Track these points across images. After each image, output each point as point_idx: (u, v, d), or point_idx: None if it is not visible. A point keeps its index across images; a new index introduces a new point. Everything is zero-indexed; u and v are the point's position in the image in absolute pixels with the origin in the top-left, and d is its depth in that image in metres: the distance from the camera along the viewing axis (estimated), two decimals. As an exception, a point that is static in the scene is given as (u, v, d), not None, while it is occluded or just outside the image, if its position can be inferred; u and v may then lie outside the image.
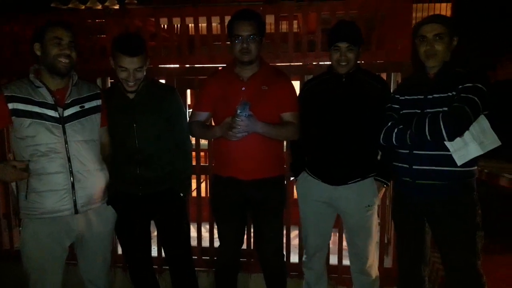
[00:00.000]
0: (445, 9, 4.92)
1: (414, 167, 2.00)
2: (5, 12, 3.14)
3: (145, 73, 2.13)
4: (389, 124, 2.07)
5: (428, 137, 1.89)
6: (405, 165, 2.04)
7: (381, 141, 2.10)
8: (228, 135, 2.08)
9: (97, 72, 2.95)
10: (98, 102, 2.06)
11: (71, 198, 1.93)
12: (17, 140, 1.89)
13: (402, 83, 2.27)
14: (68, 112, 1.94)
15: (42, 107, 1.88)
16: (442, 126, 1.84)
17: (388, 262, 2.98)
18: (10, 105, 1.85)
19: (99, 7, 3.15)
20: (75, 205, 1.94)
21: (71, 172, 1.92)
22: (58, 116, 1.90)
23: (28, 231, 1.94)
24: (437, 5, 4.81)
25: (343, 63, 2.14)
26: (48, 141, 1.88)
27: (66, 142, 1.91)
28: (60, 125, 1.91)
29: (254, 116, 2.06)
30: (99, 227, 2.06)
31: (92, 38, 3.10)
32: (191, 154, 2.42)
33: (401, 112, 2.08)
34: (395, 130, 2.02)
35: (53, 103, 1.90)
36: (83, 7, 3.18)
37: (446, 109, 1.90)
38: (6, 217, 3.34)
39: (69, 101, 1.95)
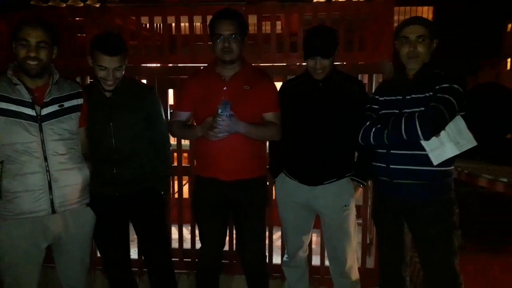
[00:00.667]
0: (426, 13, 4.99)
1: (391, 166, 2.01)
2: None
3: (123, 72, 2.10)
4: (367, 123, 2.08)
5: (404, 136, 1.90)
6: (382, 165, 2.05)
7: (359, 140, 2.12)
8: (209, 135, 2.06)
9: (76, 71, 2.89)
10: (79, 101, 2.01)
11: (48, 198, 1.88)
12: None
13: (382, 84, 2.29)
14: (46, 110, 1.89)
15: (19, 105, 1.83)
16: (417, 125, 1.86)
17: (370, 263, 2.99)
18: None
19: (81, 5, 3.09)
20: (52, 205, 1.89)
21: (48, 172, 1.87)
22: (35, 114, 1.86)
23: (2, 232, 1.89)
24: (419, 8, 4.87)
25: (319, 71, 2.15)
26: (24, 140, 1.83)
27: (42, 141, 1.87)
28: (37, 124, 1.86)
29: (236, 116, 2.05)
30: (77, 229, 2.01)
31: (72, 37, 3.05)
32: (170, 153, 2.40)
33: (380, 112, 2.10)
34: (373, 130, 2.04)
35: (30, 101, 1.85)
36: (64, 5, 3.11)
37: (422, 109, 1.91)
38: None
39: (48, 99, 1.91)
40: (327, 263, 2.99)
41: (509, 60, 21.08)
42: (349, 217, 2.30)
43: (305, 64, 2.58)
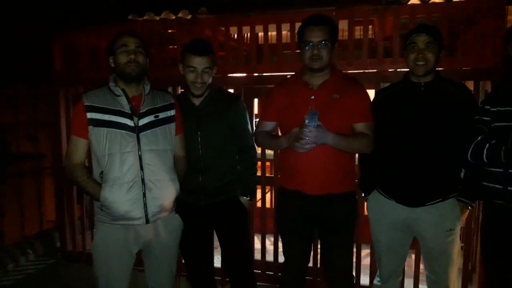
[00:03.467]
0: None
1: (509, 188, 1.75)
2: (85, 24, 3.33)
3: (211, 79, 2.14)
4: (479, 138, 1.84)
5: None
6: (498, 186, 1.80)
7: (469, 158, 1.87)
8: (295, 146, 1.97)
9: (167, 81, 3.00)
10: (172, 112, 2.06)
11: (142, 207, 1.92)
12: (94, 149, 1.93)
13: (493, 93, 2.02)
14: (143, 121, 1.95)
15: (120, 116, 1.92)
16: None
17: (472, 291, 2.67)
18: (89, 115, 1.90)
19: (173, 17, 3.21)
20: (146, 215, 1.93)
21: (143, 181, 1.92)
22: (133, 125, 1.93)
23: (99, 235, 1.98)
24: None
25: (421, 63, 1.95)
26: (123, 150, 1.90)
27: (139, 152, 1.92)
28: (135, 134, 1.93)
29: (324, 126, 1.94)
30: (166, 236, 2.05)
31: (164, 48, 3.18)
32: (256, 161, 2.36)
33: (492, 125, 1.85)
34: (487, 146, 1.79)
35: (129, 112, 1.93)
36: (158, 18, 3.26)
37: None
38: (80, 220, 3.52)
39: (144, 110, 1.97)
40: (421, 287, 2.77)
41: None
42: (454, 242, 2.06)
43: (400, 70, 2.38)
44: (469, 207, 2.06)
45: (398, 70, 2.57)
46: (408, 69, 2.07)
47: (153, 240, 2.02)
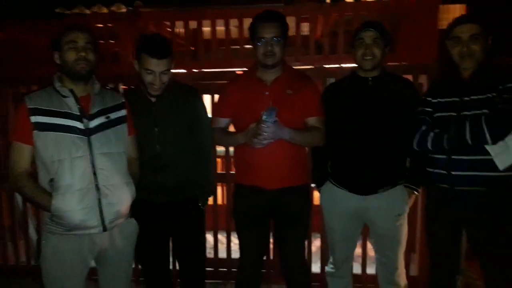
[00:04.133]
0: (458, 11, 4.81)
1: (452, 172, 1.89)
2: (6, 18, 3.05)
3: (169, 76, 2.05)
4: (424, 128, 1.96)
5: (469, 141, 1.79)
6: (442, 171, 1.93)
7: (415, 146, 2.00)
8: (253, 142, 1.98)
9: (109, 78, 2.85)
10: (123, 112, 1.94)
11: (98, 214, 1.81)
12: (40, 155, 1.77)
13: (433, 85, 2.17)
14: (93, 123, 1.82)
15: (68, 118, 1.77)
16: (485, 129, 1.74)
17: (414, 270, 2.87)
18: (33, 118, 1.74)
19: (105, 11, 3.06)
20: (102, 222, 1.82)
21: (97, 187, 1.80)
22: (83, 127, 1.79)
23: (50, 246, 1.83)
24: (451, 6, 4.69)
25: (368, 58, 2.04)
26: (73, 155, 1.76)
27: (91, 155, 1.80)
28: (86, 137, 1.79)
29: (280, 121, 1.96)
30: (122, 242, 1.95)
31: (103, 43, 3.02)
32: (214, 160, 2.33)
33: (434, 115, 1.99)
34: (431, 134, 1.92)
35: (79, 113, 1.79)
36: (89, 12, 3.09)
37: (485, 111, 1.79)
38: (11, 230, 3.23)
39: (94, 111, 1.84)
40: (368, 270, 2.94)
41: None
42: (403, 226, 2.19)
43: (345, 65, 2.48)
44: (415, 192, 2.20)
45: (343, 65, 2.68)
46: (354, 65, 2.15)
47: (109, 247, 1.91)
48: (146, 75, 1.99)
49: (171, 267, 2.86)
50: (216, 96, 2.45)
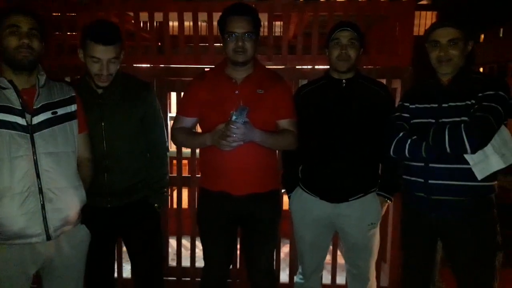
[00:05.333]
0: (430, 18, 4.87)
1: (430, 181, 1.82)
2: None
3: (118, 67, 1.88)
4: (401, 134, 1.88)
5: (448, 150, 1.72)
6: (419, 180, 1.86)
7: (391, 153, 1.91)
8: (221, 144, 1.83)
9: (64, 71, 2.63)
10: (73, 107, 1.75)
11: (41, 221, 1.61)
12: None
13: (411, 91, 2.09)
14: (37, 119, 1.62)
15: (6, 113, 1.57)
16: (465, 138, 1.67)
17: (384, 281, 2.80)
18: None
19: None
20: (46, 230, 1.62)
21: (40, 191, 1.61)
22: (25, 124, 1.59)
23: None
24: (423, 13, 4.74)
25: (344, 59, 1.96)
26: (13, 154, 1.56)
27: (34, 155, 1.60)
28: (28, 135, 1.59)
29: (250, 122, 1.83)
30: (70, 251, 1.75)
31: (61, 34, 2.79)
32: (167, 161, 2.16)
33: (411, 121, 1.91)
34: (408, 142, 1.84)
35: (20, 108, 1.59)
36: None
37: (465, 118, 1.73)
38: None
39: (39, 105, 1.64)
40: (338, 280, 2.85)
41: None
42: (375, 236, 2.12)
43: (318, 67, 2.38)
44: (388, 201, 2.13)
45: (316, 67, 2.58)
46: (327, 67, 2.06)
47: (55, 257, 1.71)
48: (92, 64, 1.81)
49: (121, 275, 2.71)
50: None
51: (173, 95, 2.51)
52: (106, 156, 1.90)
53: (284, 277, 2.89)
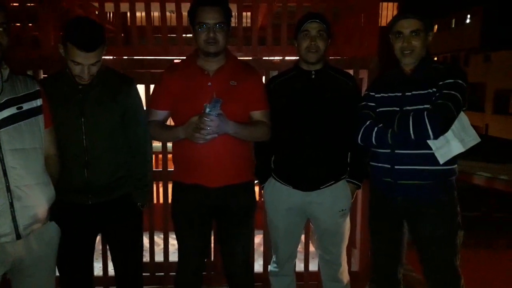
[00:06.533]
0: (391, 9, 5.00)
1: (396, 167, 1.91)
2: None
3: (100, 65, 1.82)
4: (368, 122, 1.95)
5: (412, 136, 1.80)
6: (386, 165, 1.94)
7: (359, 141, 1.98)
8: (194, 137, 1.82)
9: (27, 64, 2.52)
10: (38, 101, 1.68)
11: (10, 220, 1.55)
12: None
13: (376, 80, 2.17)
14: (2, 115, 1.55)
15: None
16: (428, 124, 1.76)
17: (355, 266, 2.89)
18: None
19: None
20: (16, 229, 1.57)
21: (8, 188, 1.55)
22: None
23: None
24: (384, 4, 4.86)
25: (313, 50, 2.00)
26: None
27: (0, 152, 1.54)
28: None
29: (224, 114, 1.83)
30: (40, 250, 1.69)
31: (19, 26, 2.66)
32: (151, 157, 2.12)
33: (377, 110, 1.98)
34: (375, 129, 1.91)
35: None
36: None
37: (427, 106, 1.82)
38: None
39: (3, 101, 1.57)
40: (311, 268, 2.91)
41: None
42: (346, 222, 2.19)
43: (288, 58, 2.40)
44: (358, 188, 2.19)
45: (286, 58, 2.61)
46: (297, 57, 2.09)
47: (25, 257, 1.65)
48: (73, 66, 1.74)
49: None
50: (152, 87, 2.25)
51: (141, 87, 2.44)
52: (86, 152, 1.84)
53: (257, 267, 2.92)
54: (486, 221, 5.07)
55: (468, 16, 21.40)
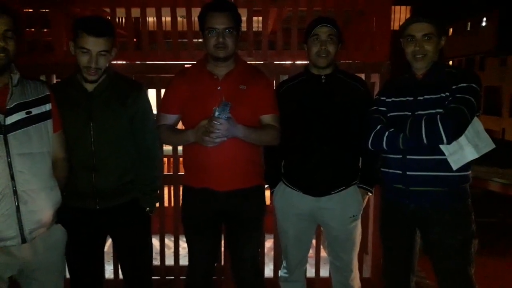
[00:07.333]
0: (404, 12, 4.96)
1: (408, 173, 1.87)
2: None
3: (108, 63, 1.84)
4: (378, 127, 1.92)
5: (425, 141, 1.76)
6: (397, 171, 1.90)
7: (369, 146, 1.95)
8: (204, 140, 1.82)
9: (40, 69, 2.56)
10: (47, 106, 1.70)
11: (16, 224, 1.57)
12: None
13: (387, 85, 2.14)
14: (11, 119, 1.57)
15: None
16: (441, 129, 1.72)
17: (366, 272, 2.86)
18: None
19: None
20: (21, 232, 1.58)
21: (15, 193, 1.56)
22: None
23: None
24: (397, 8, 4.83)
25: (323, 55, 1.98)
26: None
27: (8, 156, 1.55)
28: (1, 135, 1.55)
29: (233, 118, 1.83)
30: (47, 253, 1.71)
31: (34, 31, 2.71)
32: (160, 162, 2.13)
33: (388, 114, 1.95)
34: (386, 134, 1.88)
35: None
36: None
37: (440, 110, 1.78)
38: None
39: (12, 105, 1.59)
40: (322, 273, 2.88)
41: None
42: (357, 228, 2.16)
43: (298, 62, 2.39)
44: (369, 193, 2.17)
45: (297, 62, 2.60)
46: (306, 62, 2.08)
47: (32, 260, 1.67)
48: (81, 57, 1.76)
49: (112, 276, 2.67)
50: (162, 91, 2.26)
51: (152, 92, 2.47)
52: (94, 156, 1.85)
53: (268, 272, 2.90)
54: (502, 228, 4.96)
55: (484, 19, 21.12)
